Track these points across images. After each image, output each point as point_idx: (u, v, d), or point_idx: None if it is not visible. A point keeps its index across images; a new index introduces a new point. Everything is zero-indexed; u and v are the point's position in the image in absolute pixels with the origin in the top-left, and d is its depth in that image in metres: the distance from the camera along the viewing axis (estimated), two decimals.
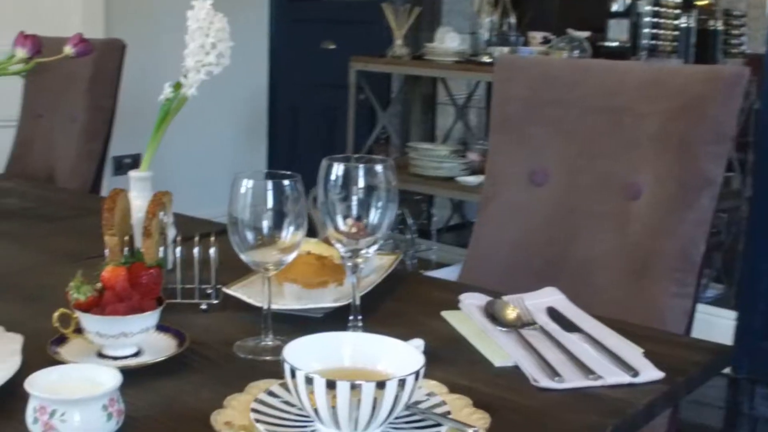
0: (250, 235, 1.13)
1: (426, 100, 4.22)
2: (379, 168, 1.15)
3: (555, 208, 1.82)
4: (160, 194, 1.35)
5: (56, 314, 1.10)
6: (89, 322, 1.08)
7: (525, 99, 1.88)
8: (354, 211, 1.14)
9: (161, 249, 1.32)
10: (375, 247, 1.18)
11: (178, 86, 1.43)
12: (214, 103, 4.54)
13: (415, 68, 3.73)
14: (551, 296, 1.34)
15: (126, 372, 1.05)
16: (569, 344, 1.18)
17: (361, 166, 1.14)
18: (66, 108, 2.87)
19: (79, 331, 1.10)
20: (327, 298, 1.30)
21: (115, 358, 1.09)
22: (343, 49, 4.31)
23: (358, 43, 4.18)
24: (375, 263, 1.50)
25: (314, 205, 1.19)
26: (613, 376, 1.08)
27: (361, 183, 1.14)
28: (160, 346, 1.14)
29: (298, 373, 0.87)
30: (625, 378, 1.08)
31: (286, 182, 1.13)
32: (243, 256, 1.14)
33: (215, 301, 1.33)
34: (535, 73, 1.88)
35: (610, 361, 1.12)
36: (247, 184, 1.12)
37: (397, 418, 0.92)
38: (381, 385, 0.85)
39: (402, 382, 0.87)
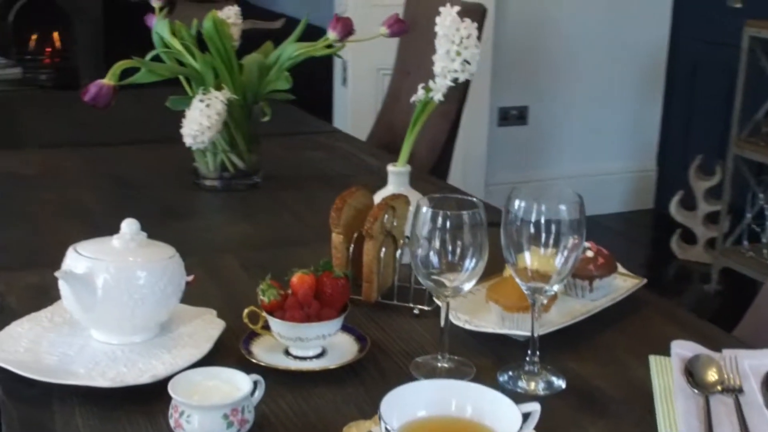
0: (428, 261, 1.14)
1: None
2: (563, 207, 1.10)
3: None
4: (390, 198, 1.39)
5: (246, 311, 1.21)
6: (272, 322, 1.17)
7: None
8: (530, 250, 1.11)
9: (382, 250, 1.37)
10: (557, 287, 1.15)
11: (428, 89, 1.46)
12: (612, 54, 4.45)
13: None
14: None
15: (298, 374, 1.15)
16: (757, 425, 1.06)
17: (543, 203, 1.10)
18: (428, 68, 2.98)
19: (266, 328, 1.20)
20: (529, 324, 1.27)
21: (296, 358, 1.18)
22: (751, 9, 3.98)
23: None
24: (614, 284, 1.44)
25: None
26: None
27: (543, 219, 1.10)
28: (343, 350, 1.21)
29: (381, 422, 0.89)
30: None
31: (465, 213, 1.12)
32: (421, 279, 1.16)
33: (427, 308, 1.36)
34: None
35: None
36: (426, 211, 1.12)
37: None
38: None
39: None
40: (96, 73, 1.92)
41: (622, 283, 1.45)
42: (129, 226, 1.20)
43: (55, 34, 6.18)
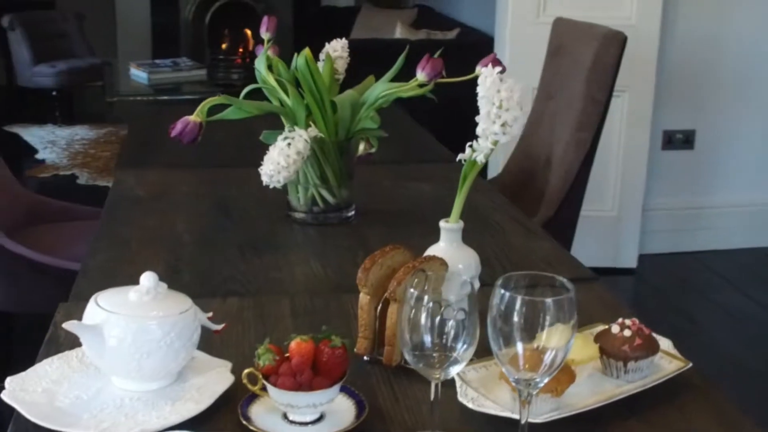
0: (416, 343, 1.13)
1: None
2: (548, 302, 1.06)
3: None
4: (421, 261, 1.38)
5: (245, 372, 1.23)
6: (267, 386, 1.19)
7: None
8: (519, 341, 1.07)
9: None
10: (547, 379, 1.10)
11: (473, 150, 1.44)
12: None
13: None
14: None
15: None
16: None
17: (530, 292, 1.06)
18: (568, 94, 2.93)
19: (266, 389, 1.22)
20: (544, 407, 1.23)
21: (292, 422, 1.20)
22: None
23: None
24: (656, 365, 1.36)
25: None
26: None
27: (530, 310, 1.06)
28: (341, 416, 1.21)
29: None
30: None
31: (452, 297, 1.10)
32: (410, 360, 1.15)
33: (449, 377, 1.34)
34: None
35: None
36: (413, 293, 1.11)
37: None
38: None
39: None
40: None
41: (666, 365, 1.37)
42: (147, 279, 1.26)
43: (248, 34, 6.46)
